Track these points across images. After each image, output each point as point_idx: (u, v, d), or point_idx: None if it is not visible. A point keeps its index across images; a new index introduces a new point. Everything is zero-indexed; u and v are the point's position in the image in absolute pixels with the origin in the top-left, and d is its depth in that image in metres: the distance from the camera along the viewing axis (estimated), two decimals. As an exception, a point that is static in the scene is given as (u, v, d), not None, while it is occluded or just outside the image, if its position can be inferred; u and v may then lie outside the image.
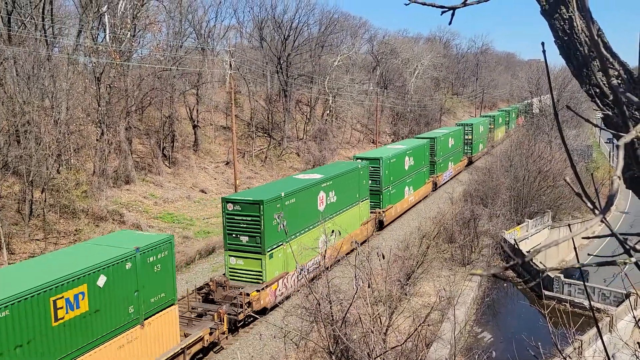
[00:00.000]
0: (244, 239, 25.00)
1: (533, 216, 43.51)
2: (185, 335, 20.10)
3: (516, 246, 35.08)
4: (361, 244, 33.77)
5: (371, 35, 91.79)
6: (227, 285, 23.92)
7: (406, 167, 43.84)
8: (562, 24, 2.40)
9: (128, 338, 17.17)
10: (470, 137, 66.92)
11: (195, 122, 54.60)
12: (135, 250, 17.33)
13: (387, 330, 16.18)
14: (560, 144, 53.48)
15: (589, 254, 42.31)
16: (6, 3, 36.41)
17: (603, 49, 2.02)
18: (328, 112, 72.69)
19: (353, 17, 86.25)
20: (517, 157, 46.72)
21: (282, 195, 25.89)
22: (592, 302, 29.36)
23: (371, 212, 37.55)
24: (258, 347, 22.89)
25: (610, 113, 2.19)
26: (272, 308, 25.10)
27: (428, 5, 1.97)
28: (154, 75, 47.48)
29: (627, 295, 28.48)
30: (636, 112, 2.14)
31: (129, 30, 43.75)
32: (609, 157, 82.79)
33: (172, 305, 19.18)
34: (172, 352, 18.86)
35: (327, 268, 15.49)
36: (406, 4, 2.01)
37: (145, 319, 17.84)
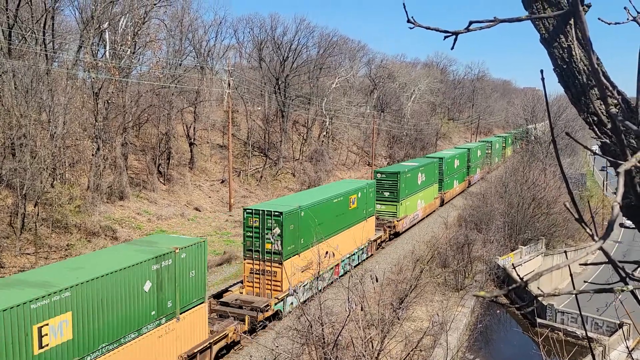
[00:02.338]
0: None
1: (527, 243, 43.52)
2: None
3: (514, 271, 35.03)
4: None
5: (369, 59, 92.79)
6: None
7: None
8: (561, 52, 2.43)
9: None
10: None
11: (192, 139, 54.68)
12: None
13: (378, 354, 16.02)
14: (554, 172, 53.78)
15: (585, 281, 42.19)
16: (8, 17, 36.66)
17: (602, 78, 2.05)
18: (325, 133, 73.02)
19: (352, 41, 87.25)
20: (512, 183, 46.94)
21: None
22: (586, 332, 29.26)
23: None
24: (248, 369, 22.59)
25: (607, 141, 2.22)
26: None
27: (432, 29, 1.99)
28: (152, 92, 47.68)
29: (620, 325, 28.38)
30: (633, 141, 2.17)
31: (129, 47, 44.05)
32: (603, 185, 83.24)
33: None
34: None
35: (321, 290, 15.39)
36: (411, 28, 2.03)
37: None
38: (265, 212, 26.39)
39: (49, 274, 16.23)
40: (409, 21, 2.02)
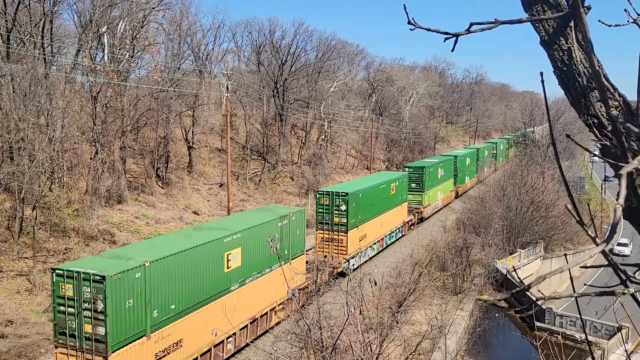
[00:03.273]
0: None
1: (525, 246, 43.50)
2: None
3: (515, 274, 35.04)
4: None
5: (367, 63, 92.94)
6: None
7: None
8: (561, 54, 2.43)
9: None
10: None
11: (190, 143, 54.64)
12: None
13: (377, 358, 15.96)
14: (552, 175, 53.81)
15: (585, 284, 42.17)
16: (6, 21, 36.63)
17: (603, 80, 2.04)
18: (323, 137, 73.03)
19: (350, 45, 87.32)
20: (510, 186, 46.95)
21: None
22: (584, 335, 29.22)
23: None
24: (246, 372, 22.52)
25: (608, 143, 2.21)
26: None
27: (433, 31, 1.99)
28: (150, 95, 47.65)
29: (619, 329, 28.36)
30: (634, 143, 2.16)
31: (127, 51, 44.03)
32: (601, 189, 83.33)
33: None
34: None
35: (319, 291, 15.34)
36: (411, 29, 2.03)
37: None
38: (334, 193, 34.41)
39: (226, 224, 25.25)
40: (409, 23, 2.01)
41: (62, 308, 17.56)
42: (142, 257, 18.33)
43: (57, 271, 17.65)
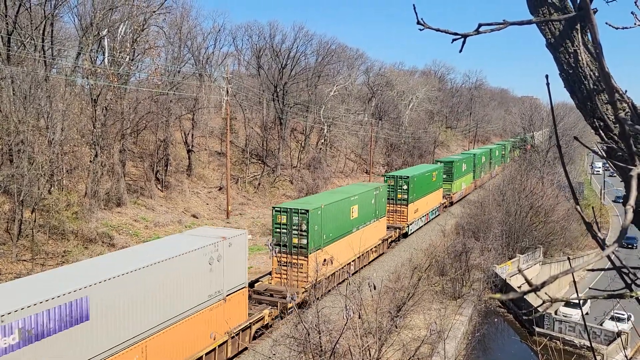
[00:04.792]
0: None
1: (524, 251, 43.46)
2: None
3: (523, 274, 35.02)
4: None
5: (367, 67, 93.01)
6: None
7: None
8: (567, 57, 2.43)
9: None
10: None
11: (190, 146, 54.64)
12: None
13: (376, 362, 15.91)
14: (551, 180, 53.79)
15: (590, 288, 42.16)
16: (7, 23, 36.67)
17: (613, 82, 2.04)
18: (322, 141, 73.07)
19: (350, 49, 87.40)
20: (510, 191, 46.95)
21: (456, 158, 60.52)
22: (585, 340, 29.15)
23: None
24: (245, 377, 22.43)
25: (614, 146, 2.21)
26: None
27: (442, 31, 1.99)
28: (150, 99, 47.68)
29: (618, 334, 28.31)
30: (641, 146, 2.15)
31: (127, 54, 44.09)
32: (600, 194, 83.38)
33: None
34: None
35: (318, 298, 15.31)
36: (420, 29, 2.02)
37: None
38: (401, 177, 46.35)
39: (349, 189, 38.45)
40: (419, 23, 2.01)
41: (277, 230, 29.73)
42: (320, 203, 30.57)
43: (275, 208, 30.32)
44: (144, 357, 17.31)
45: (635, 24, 2.18)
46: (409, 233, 46.86)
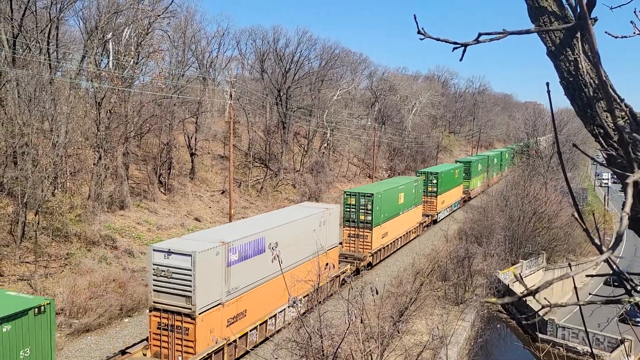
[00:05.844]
0: None
1: (527, 257, 43.35)
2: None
3: (520, 280, 34.89)
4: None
5: (371, 72, 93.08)
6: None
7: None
8: (567, 65, 2.46)
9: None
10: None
11: (193, 150, 54.74)
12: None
13: (378, 367, 15.87)
14: (555, 186, 53.68)
15: (590, 294, 41.99)
16: (12, 26, 36.87)
17: (610, 90, 2.06)
18: (325, 145, 73.11)
19: (353, 53, 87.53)
20: (513, 197, 46.86)
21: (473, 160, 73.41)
22: (586, 347, 29.04)
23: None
24: (246, 380, 22.41)
25: (614, 153, 2.23)
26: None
27: (442, 41, 2.01)
28: (154, 102, 47.81)
29: (622, 341, 28.19)
30: (640, 154, 2.17)
31: (132, 58, 44.26)
32: (604, 200, 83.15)
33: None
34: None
35: (321, 301, 15.29)
36: (421, 39, 2.05)
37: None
38: (432, 172, 55.09)
39: (396, 180, 49.79)
40: (419, 32, 2.04)
41: (347, 209, 38.45)
42: (379, 189, 39.45)
43: (346, 192, 39.84)
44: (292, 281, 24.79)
45: (634, 32, 2.20)
46: (438, 220, 55.51)
